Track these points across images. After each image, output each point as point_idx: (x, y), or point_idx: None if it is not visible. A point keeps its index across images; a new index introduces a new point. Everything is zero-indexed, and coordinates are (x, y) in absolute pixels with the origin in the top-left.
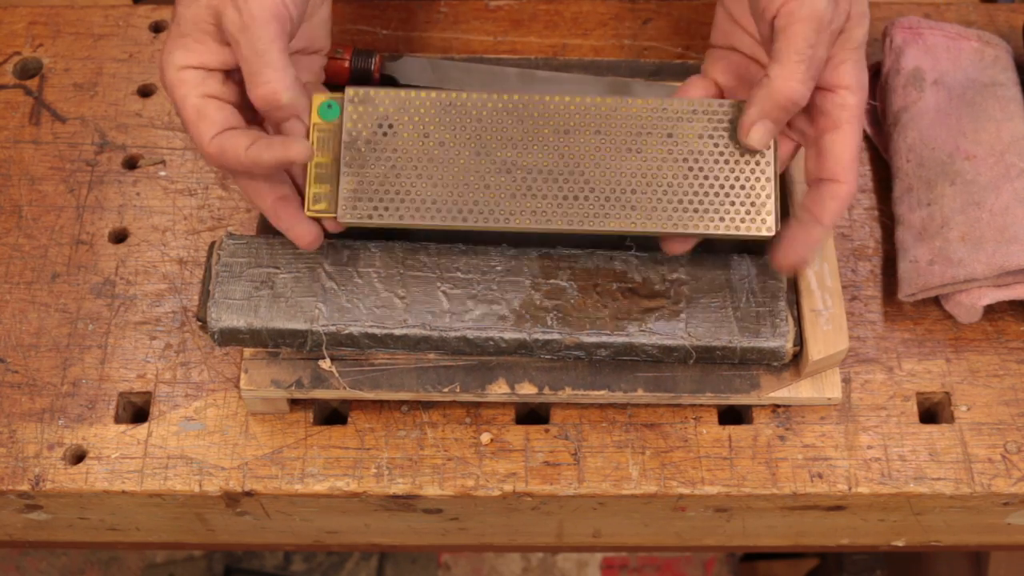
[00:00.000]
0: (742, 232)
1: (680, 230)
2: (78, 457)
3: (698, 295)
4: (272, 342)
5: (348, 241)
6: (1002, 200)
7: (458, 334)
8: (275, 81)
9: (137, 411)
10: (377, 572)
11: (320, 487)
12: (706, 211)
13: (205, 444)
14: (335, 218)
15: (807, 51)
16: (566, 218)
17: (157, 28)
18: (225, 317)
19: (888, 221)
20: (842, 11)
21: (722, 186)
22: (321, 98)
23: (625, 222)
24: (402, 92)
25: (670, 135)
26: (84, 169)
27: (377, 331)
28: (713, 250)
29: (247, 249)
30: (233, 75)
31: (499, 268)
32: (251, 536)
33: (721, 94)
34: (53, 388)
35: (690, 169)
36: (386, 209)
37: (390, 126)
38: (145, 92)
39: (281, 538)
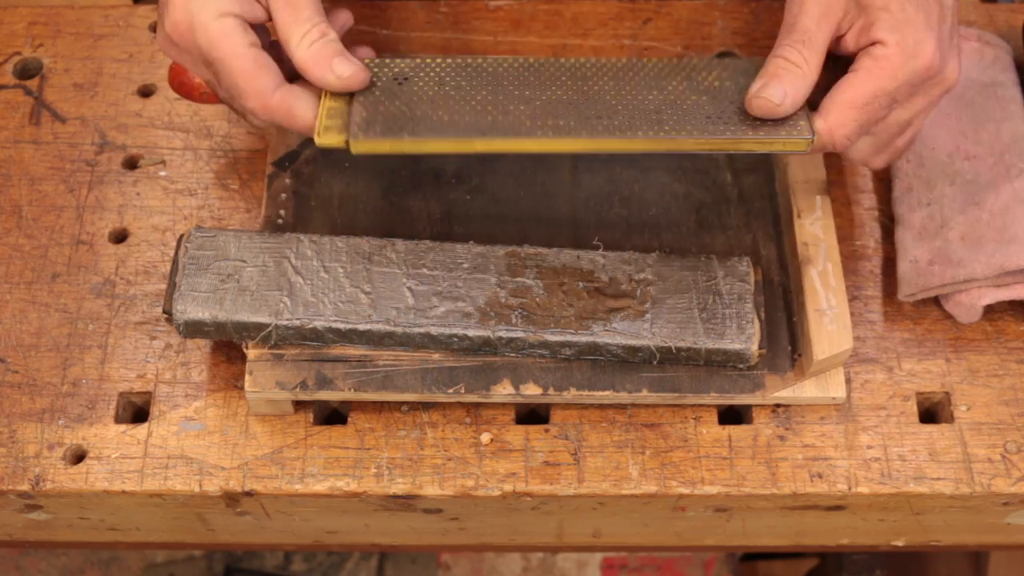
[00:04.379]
0: (780, 138)
1: (712, 140)
2: (78, 457)
3: (664, 296)
4: (236, 335)
5: (314, 236)
6: (1002, 200)
7: (422, 330)
8: (323, 24)
9: (137, 411)
10: (377, 572)
11: (320, 487)
12: (738, 124)
13: (205, 444)
14: (347, 144)
15: (790, 20)
16: (591, 131)
17: (157, 28)
18: (191, 309)
19: (888, 221)
20: None
21: (746, 113)
22: None
23: (653, 134)
24: (417, 58)
25: (689, 78)
26: (84, 169)
27: (341, 326)
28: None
29: (214, 242)
30: (260, 31)
31: (465, 265)
32: (251, 536)
33: None
34: (53, 388)
35: (713, 98)
36: (400, 129)
37: (405, 78)
38: (145, 92)
39: (281, 538)
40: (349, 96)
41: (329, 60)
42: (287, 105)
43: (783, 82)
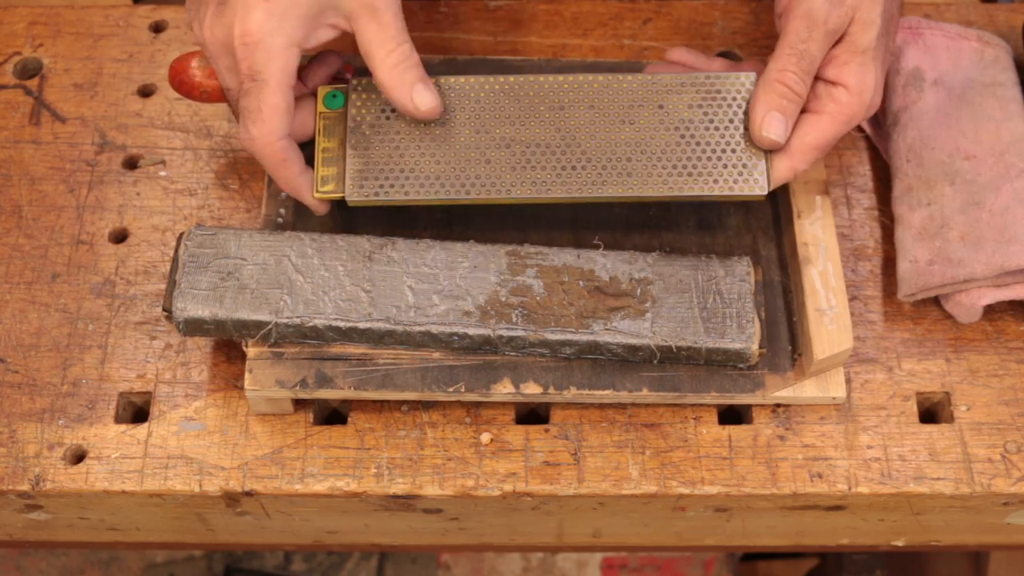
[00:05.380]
0: (736, 192)
1: (676, 193)
2: (78, 457)
3: (665, 295)
4: (236, 333)
5: (315, 235)
6: (1002, 200)
7: (422, 329)
8: (407, 45)
9: (137, 411)
10: (377, 572)
11: (320, 487)
12: (700, 175)
13: (205, 444)
14: (343, 198)
15: (799, 45)
16: (565, 187)
17: (157, 28)
18: (190, 307)
19: (888, 221)
20: (843, 14)
21: (714, 151)
22: (326, 89)
23: (622, 188)
24: None
25: (661, 106)
26: (84, 169)
27: (342, 324)
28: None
29: (214, 240)
30: None
31: (466, 264)
32: (251, 536)
33: None
34: (53, 388)
35: (682, 136)
36: (392, 187)
37: (392, 111)
38: (145, 92)
39: (281, 538)
40: (342, 135)
41: (411, 86)
42: (285, 155)
43: (786, 114)
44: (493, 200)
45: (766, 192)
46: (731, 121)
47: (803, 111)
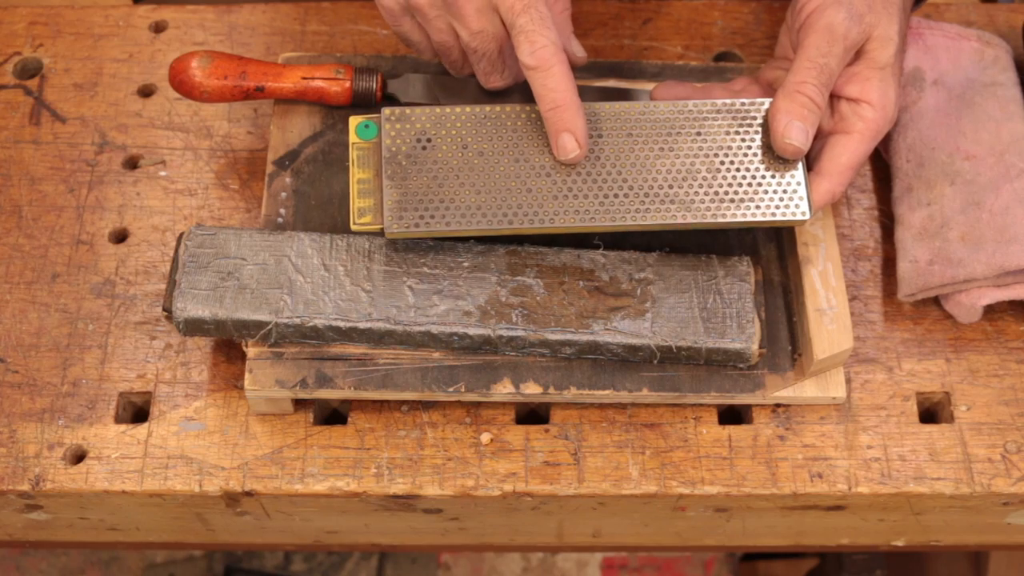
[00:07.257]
0: (778, 218)
1: (719, 220)
2: (78, 457)
3: (665, 295)
4: (236, 333)
5: (315, 235)
6: (1002, 200)
7: (422, 329)
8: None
9: (137, 411)
10: (377, 572)
11: (320, 487)
12: (741, 200)
13: (205, 444)
14: (382, 230)
15: (819, 59)
16: (609, 215)
17: (157, 28)
18: (191, 307)
19: (888, 221)
20: (862, 31)
21: (754, 177)
22: (357, 119)
23: (666, 215)
24: (437, 109)
25: (699, 133)
26: (84, 169)
27: (342, 324)
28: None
29: (215, 240)
30: None
31: (466, 264)
32: (251, 536)
33: (768, 91)
34: (53, 388)
35: (721, 163)
36: (432, 217)
37: (428, 140)
38: (145, 92)
39: (281, 538)
40: (377, 165)
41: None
42: (548, 62)
43: (807, 124)
44: (537, 230)
45: (808, 217)
46: (769, 148)
47: (832, 133)
